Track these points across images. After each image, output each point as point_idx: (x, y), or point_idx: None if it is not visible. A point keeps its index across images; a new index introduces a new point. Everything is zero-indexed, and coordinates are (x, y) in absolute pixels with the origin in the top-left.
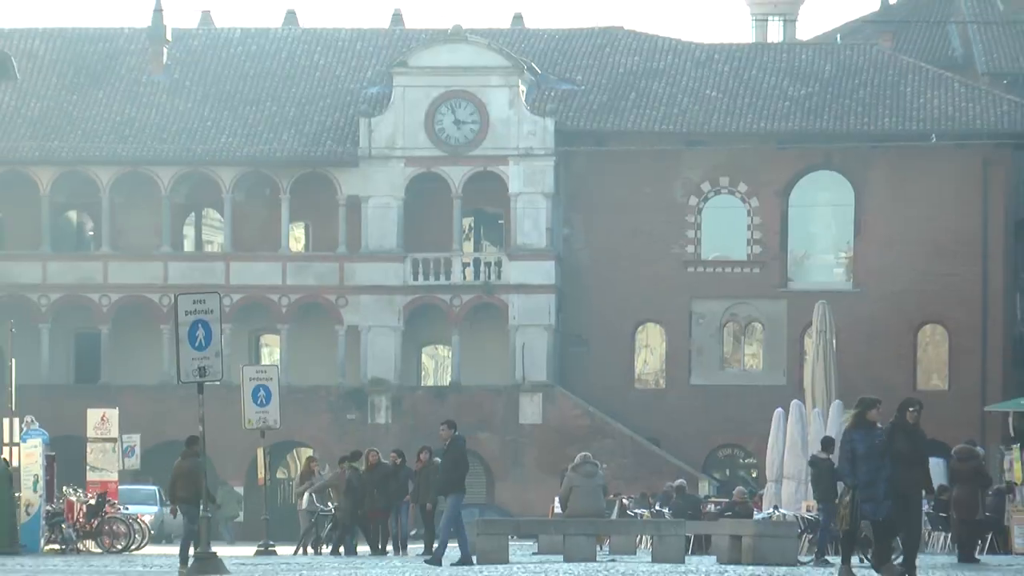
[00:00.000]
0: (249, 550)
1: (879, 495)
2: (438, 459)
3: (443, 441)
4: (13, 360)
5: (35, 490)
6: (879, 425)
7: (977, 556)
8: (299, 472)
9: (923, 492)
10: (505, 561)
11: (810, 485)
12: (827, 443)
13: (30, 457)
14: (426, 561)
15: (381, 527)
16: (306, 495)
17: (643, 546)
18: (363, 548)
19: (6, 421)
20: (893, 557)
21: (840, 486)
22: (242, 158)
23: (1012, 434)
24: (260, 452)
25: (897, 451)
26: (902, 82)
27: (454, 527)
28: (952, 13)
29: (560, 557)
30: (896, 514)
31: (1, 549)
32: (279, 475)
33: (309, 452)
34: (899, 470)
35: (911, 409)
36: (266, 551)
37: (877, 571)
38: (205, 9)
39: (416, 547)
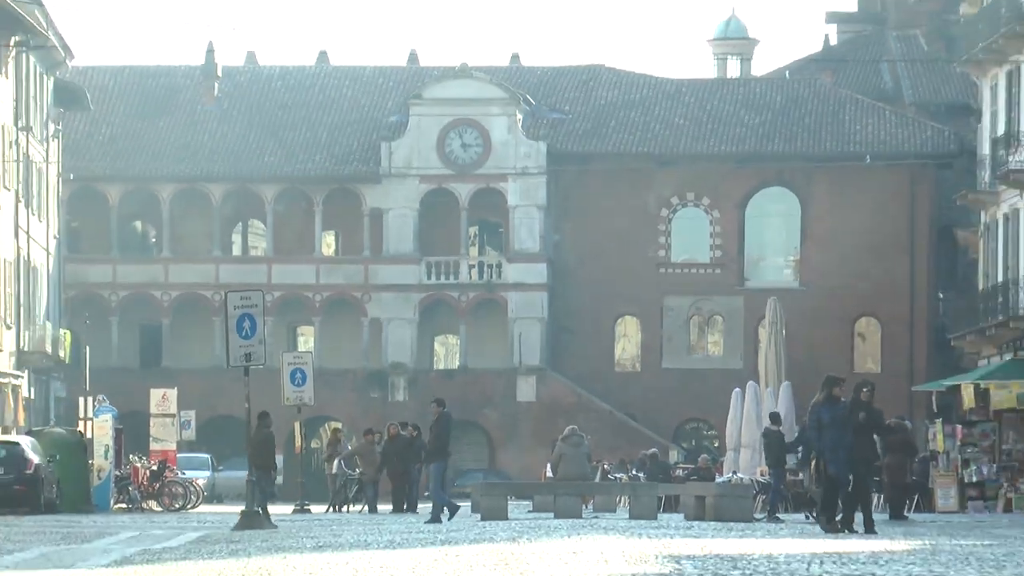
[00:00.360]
0: (287, 508)
1: (841, 459)
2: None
3: (433, 416)
4: (88, 348)
5: (106, 458)
6: (843, 400)
7: (906, 514)
8: (327, 442)
9: (871, 460)
10: (504, 518)
11: (763, 453)
12: (775, 417)
13: (101, 430)
14: (425, 522)
15: (399, 488)
16: (336, 461)
17: (622, 505)
18: (384, 507)
19: (81, 400)
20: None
21: (795, 455)
22: (281, 176)
23: (936, 410)
24: (297, 425)
25: (856, 423)
26: (841, 111)
27: (432, 486)
28: (884, 53)
29: (551, 514)
30: (856, 477)
31: (77, 508)
32: (312, 445)
33: (337, 425)
34: (856, 439)
35: (864, 389)
36: (302, 509)
37: (824, 528)
38: (250, 50)
39: (426, 506)
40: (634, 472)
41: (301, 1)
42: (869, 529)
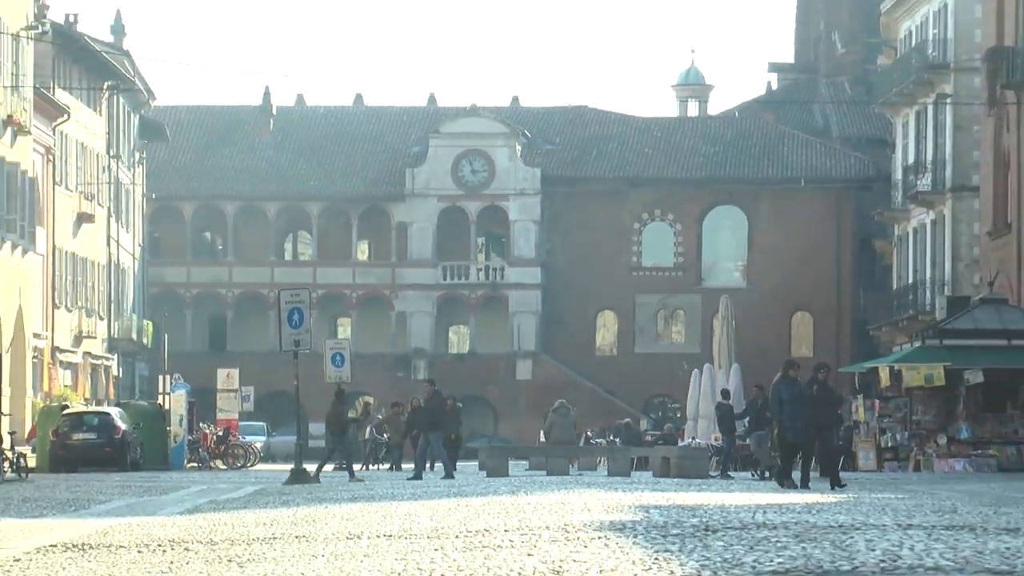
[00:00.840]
0: (328, 467)
1: (798, 427)
2: (460, 404)
3: (427, 394)
4: (166, 335)
5: (180, 425)
6: (798, 379)
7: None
8: (359, 412)
9: (836, 423)
10: (506, 475)
11: (716, 422)
12: (726, 393)
13: (177, 402)
14: (443, 478)
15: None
16: (368, 428)
17: (601, 465)
18: (407, 466)
19: (161, 378)
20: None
21: (743, 424)
22: (324, 196)
23: (858, 388)
24: (364, 403)
25: (811, 397)
26: (781, 144)
27: (436, 453)
28: (815, 96)
29: (544, 472)
30: (806, 441)
31: (156, 467)
32: (349, 415)
33: (369, 399)
34: (812, 410)
35: (821, 370)
36: (340, 468)
37: (779, 483)
38: (300, 92)
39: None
40: (611, 438)
41: (341, 52)
42: (838, 484)
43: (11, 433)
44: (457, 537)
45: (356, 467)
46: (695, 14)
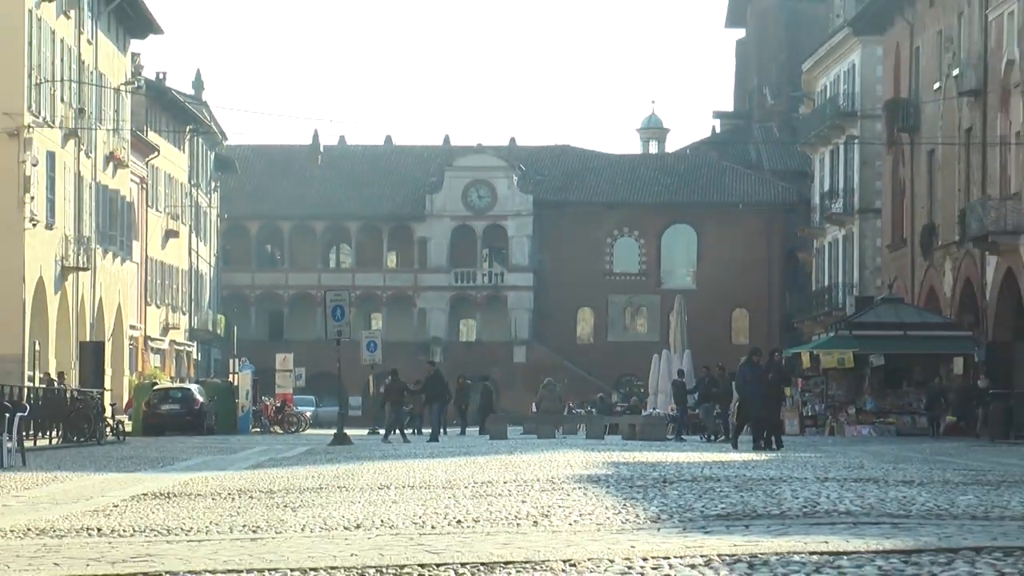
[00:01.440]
0: (363, 431)
1: (758, 402)
2: (469, 381)
3: (429, 372)
4: (235, 327)
5: (246, 398)
6: (759, 363)
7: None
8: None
9: (779, 400)
10: (505, 438)
11: (672, 396)
12: (680, 373)
13: (243, 380)
14: (427, 441)
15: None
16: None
17: (580, 430)
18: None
19: (231, 360)
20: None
21: (693, 397)
22: (361, 216)
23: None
24: (370, 378)
25: (768, 379)
26: (723, 175)
27: (438, 420)
28: (751, 137)
29: (535, 436)
30: (762, 412)
31: (227, 431)
32: (380, 390)
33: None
34: (770, 389)
35: (775, 354)
36: (373, 432)
37: (733, 445)
38: (341, 134)
39: (453, 430)
40: (589, 408)
41: (374, 102)
42: (780, 446)
43: (112, 404)
44: (466, 487)
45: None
46: (655, 72)
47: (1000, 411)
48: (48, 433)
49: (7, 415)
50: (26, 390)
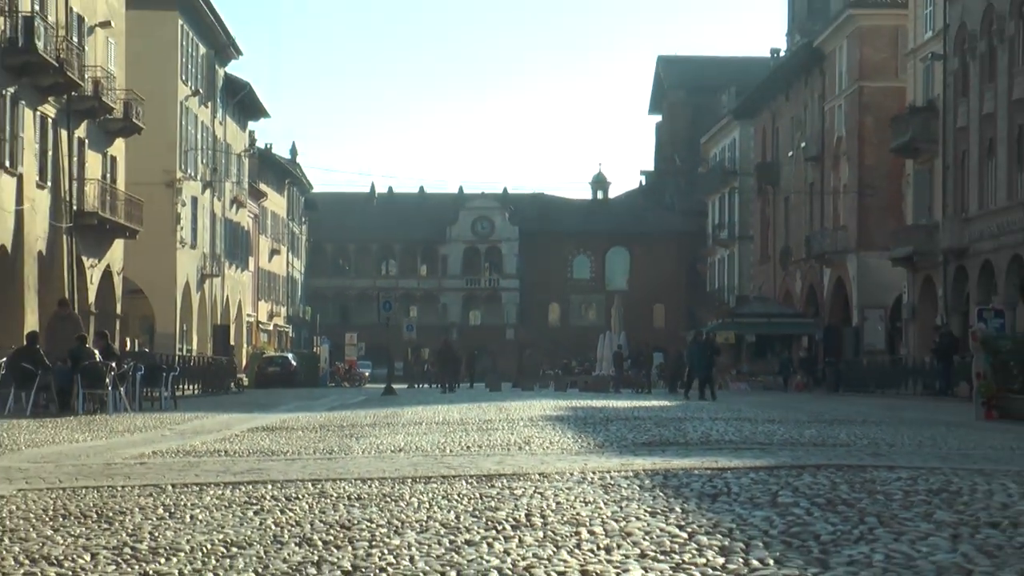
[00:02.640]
0: (404, 386)
1: (701, 370)
2: (476, 352)
3: (442, 344)
4: (318, 315)
5: (324, 363)
6: (701, 339)
7: (681, 390)
8: (412, 358)
9: (712, 366)
10: (499, 390)
11: (612, 363)
12: (620, 348)
13: (322, 351)
14: (442, 392)
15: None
16: (426, 366)
17: (551, 386)
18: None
19: (314, 338)
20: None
21: (628, 363)
22: (403, 240)
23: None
24: (408, 350)
25: (705, 351)
26: (647, 214)
27: (456, 378)
28: (667, 188)
29: (520, 389)
30: (702, 374)
31: (311, 385)
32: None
33: (425, 349)
34: (706, 356)
35: (709, 335)
36: (411, 387)
37: (686, 395)
38: (389, 184)
39: (464, 385)
40: (557, 371)
41: (411, 162)
42: (714, 396)
43: (234, 367)
44: (473, 424)
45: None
46: (602, 143)
47: (832, 372)
48: (192, 386)
49: (165, 374)
50: (177, 357)
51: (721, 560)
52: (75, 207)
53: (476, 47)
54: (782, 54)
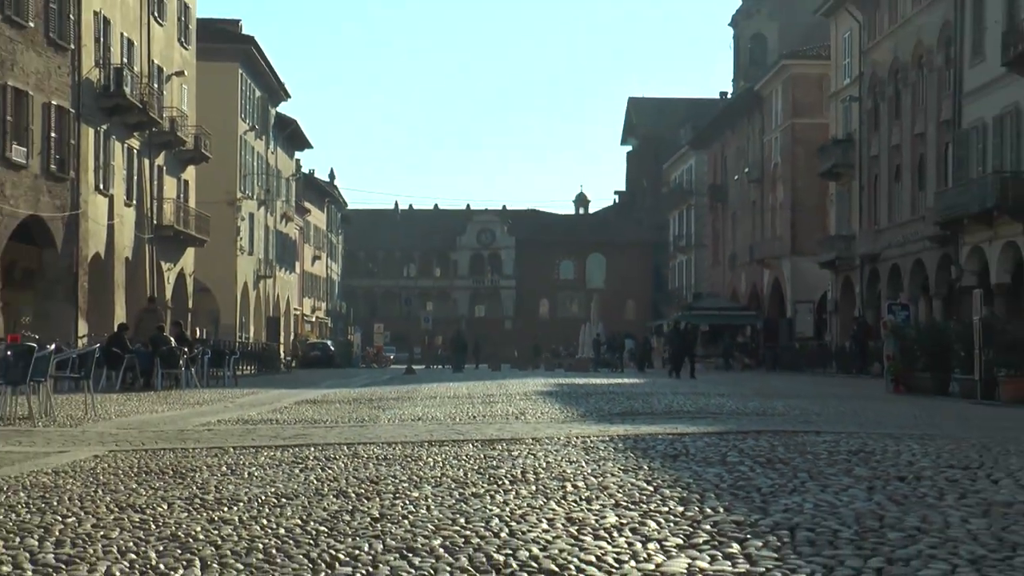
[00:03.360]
0: (422, 367)
1: (681, 354)
2: (479, 340)
3: (454, 331)
4: (352, 309)
5: (356, 348)
6: (680, 329)
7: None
8: (428, 343)
9: (693, 351)
10: (500, 370)
11: (592, 347)
12: (598, 335)
13: (355, 338)
14: (453, 372)
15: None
16: (439, 351)
17: (542, 366)
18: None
19: (348, 327)
20: (674, 373)
21: (605, 348)
22: (421, 248)
23: (653, 332)
24: (425, 337)
25: (685, 338)
26: (621, 226)
27: (463, 360)
28: (633, 210)
29: (518, 369)
30: (681, 357)
31: (346, 366)
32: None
33: (440, 337)
34: (684, 343)
35: (687, 324)
36: (428, 368)
37: (676, 375)
38: (411, 202)
39: (470, 366)
40: (547, 354)
41: (429, 183)
42: (693, 375)
43: (283, 351)
44: (478, 398)
45: (422, 367)
46: (583, 168)
47: (771, 355)
48: (249, 367)
49: (227, 357)
50: (237, 343)
51: (681, 508)
52: (155, 221)
53: (480, 90)
54: (729, 96)
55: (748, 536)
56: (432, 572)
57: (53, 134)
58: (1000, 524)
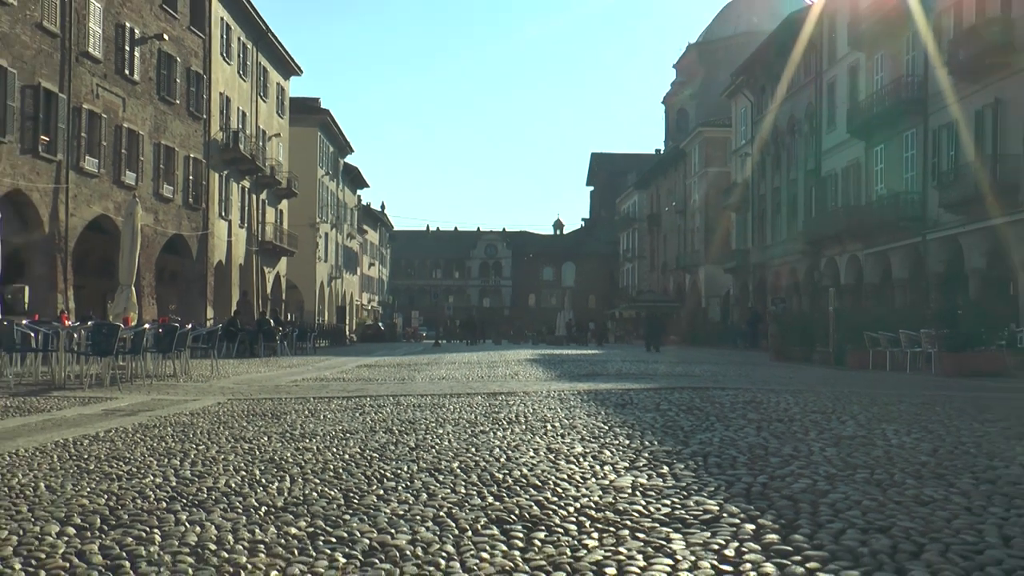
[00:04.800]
0: (444, 342)
1: (655, 331)
2: (485, 324)
3: (468, 317)
4: (396, 300)
5: (399, 328)
6: (655, 318)
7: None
8: (447, 325)
9: (660, 333)
10: (500, 344)
11: (565, 329)
12: (569, 320)
13: (398, 321)
14: (467, 345)
15: (473, 336)
16: (458, 330)
17: (530, 342)
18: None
19: (394, 314)
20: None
21: (573, 328)
22: (445, 257)
23: (608, 323)
24: (447, 320)
25: (656, 324)
26: (586, 242)
27: (475, 337)
28: (599, 230)
29: (515, 345)
30: (655, 336)
31: (392, 342)
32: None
33: (458, 320)
34: (656, 327)
35: (657, 313)
36: (448, 342)
37: (655, 350)
38: (438, 224)
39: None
40: (534, 333)
41: (453, 210)
42: (659, 351)
43: (349, 330)
44: (484, 364)
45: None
46: (560, 202)
47: (691, 335)
48: (324, 341)
49: (309, 334)
50: (316, 324)
51: (627, 441)
52: (259, 238)
53: (489, 149)
54: (662, 151)
55: (674, 461)
56: (452, 485)
57: (191, 177)
58: (846, 451)
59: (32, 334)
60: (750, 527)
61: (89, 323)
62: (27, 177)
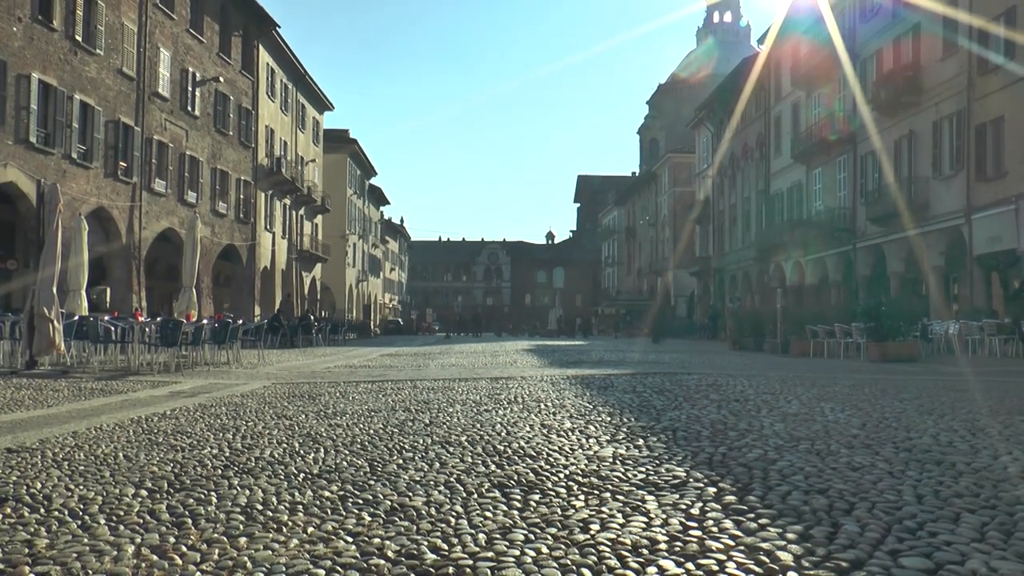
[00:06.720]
0: (453, 334)
1: (661, 325)
2: (484, 320)
3: (471, 313)
4: (412, 299)
5: (415, 324)
6: (660, 311)
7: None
8: (457, 320)
9: (664, 328)
10: (501, 336)
11: (556, 324)
12: (560, 316)
13: (415, 317)
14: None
15: (479, 329)
16: (466, 324)
17: (526, 334)
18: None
19: (411, 311)
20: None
21: (561, 323)
22: (454, 262)
23: (594, 320)
24: (456, 316)
25: (666, 316)
26: (574, 250)
27: (479, 331)
28: (584, 239)
29: (514, 338)
30: (661, 330)
31: (409, 334)
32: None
33: (467, 317)
34: (663, 321)
35: (663, 312)
36: (459, 335)
37: (654, 342)
38: (449, 236)
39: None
40: (530, 327)
41: (462, 222)
42: (657, 342)
43: (374, 325)
44: (488, 353)
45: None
46: (552, 217)
47: (661, 328)
48: (352, 334)
49: (340, 328)
50: (346, 320)
51: (609, 418)
52: (298, 248)
53: (492, 171)
54: (637, 174)
55: (648, 435)
56: (461, 455)
57: (241, 196)
58: (791, 426)
59: (112, 328)
60: (712, 490)
61: (158, 319)
62: (109, 196)
